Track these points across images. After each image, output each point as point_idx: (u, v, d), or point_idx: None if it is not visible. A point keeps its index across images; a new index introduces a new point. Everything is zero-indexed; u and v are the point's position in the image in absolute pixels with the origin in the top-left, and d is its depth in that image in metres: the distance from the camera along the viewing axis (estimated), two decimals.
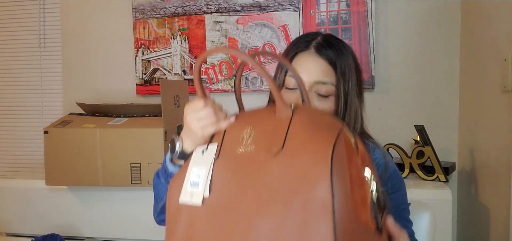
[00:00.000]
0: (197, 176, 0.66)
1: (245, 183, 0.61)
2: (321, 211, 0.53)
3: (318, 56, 0.87)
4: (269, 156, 0.60)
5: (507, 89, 1.30)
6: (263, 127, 0.65)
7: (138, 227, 1.63)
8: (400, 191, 0.92)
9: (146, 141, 1.52)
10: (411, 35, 1.83)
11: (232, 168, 0.63)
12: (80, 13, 2.15)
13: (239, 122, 0.70)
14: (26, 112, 2.24)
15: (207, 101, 0.73)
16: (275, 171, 0.59)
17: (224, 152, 0.66)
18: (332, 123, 0.62)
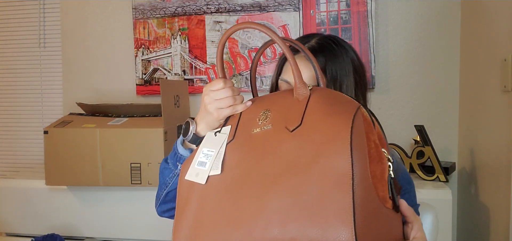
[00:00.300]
0: (205, 156, 0.67)
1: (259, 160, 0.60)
2: (340, 181, 0.52)
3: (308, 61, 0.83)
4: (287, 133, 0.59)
5: (507, 89, 1.30)
6: (281, 107, 0.65)
7: (138, 227, 1.63)
8: (409, 193, 0.90)
9: (146, 141, 1.52)
10: (411, 35, 1.83)
11: (247, 148, 0.63)
12: (80, 13, 2.15)
13: (255, 105, 0.70)
14: (26, 112, 2.24)
15: (227, 82, 0.72)
16: (292, 145, 0.58)
17: (239, 134, 0.66)
18: (349, 101, 0.62)
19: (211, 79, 1.99)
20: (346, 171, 0.52)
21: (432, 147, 1.57)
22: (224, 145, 0.66)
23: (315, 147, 0.56)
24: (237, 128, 0.67)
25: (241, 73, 1.96)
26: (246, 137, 0.65)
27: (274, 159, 0.59)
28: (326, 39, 0.87)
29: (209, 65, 1.99)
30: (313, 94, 0.64)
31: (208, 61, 1.99)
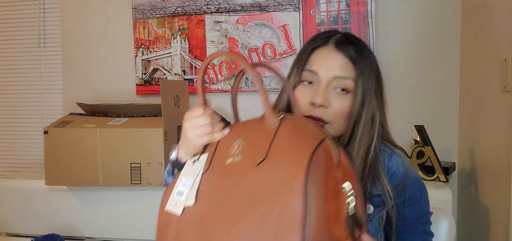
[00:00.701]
0: (184, 186, 0.67)
1: (228, 193, 0.61)
2: (293, 223, 0.53)
3: (338, 51, 0.83)
4: (253, 166, 0.60)
5: (507, 89, 1.30)
6: (252, 137, 0.65)
7: (138, 227, 1.63)
8: (419, 202, 0.88)
9: (146, 141, 1.52)
10: (411, 35, 1.83)
11: (220, 179, 0.64)
12: (80, 13, 2.15)
13: (232, 133, 0.71)
14: (26, 112, 2.24)
15: (206, 109, 0.72)
16: (257, 180, 0.59)
17: (214, 163, 0.67)
18: (314, 133, 0.61)
19: (211, 80, 1.99)
20: (299, 212, 0.53)
21: (432, 147, 1.57)
22: (200, 174, 0.67)
23: (276, 184, 0.56)
24: (213, 157, 0.68)
25: None
26: (220, 168, 0.66)
27: (241, 193, 0.59)
28: (350, 34, 0.88)
29: (209, 65, 1.99)
30: (283, 124, 0.64)
31: None
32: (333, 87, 0.82)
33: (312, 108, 0.81)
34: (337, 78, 0.82)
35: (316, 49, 0.85)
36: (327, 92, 0.81)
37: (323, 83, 0.81)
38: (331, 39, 0.85)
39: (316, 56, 0.84)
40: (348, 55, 0.82)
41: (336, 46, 0.83)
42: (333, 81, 0.82)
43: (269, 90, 1.93)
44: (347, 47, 0.83)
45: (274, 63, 1.92)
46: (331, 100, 0.81)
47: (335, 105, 0.81)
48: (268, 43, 1.93)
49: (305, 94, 0.83)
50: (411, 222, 0.87)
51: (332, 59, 0.82)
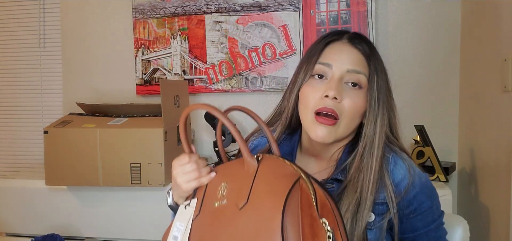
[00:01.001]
0: (178, 231, 0.71)
1: (216, 236, 0.64)
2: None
3: (352, 46, 0.83)
4: (237, 210, 0.62)
5: (507, 89, 1.30)
6: (235, 181, 0.68)
7: (138, 227, 1.63)
8: (429, 208, 0.84)
9: (146, 141, 1.52)
10: (411, 35, 1.83)
11: (209, 222, 0.67)
12: (80, 13, 2.15)
13: (218, 176, 0.73)
14: (26, 112, 2.24)
15: (192, 157, 0.75)
16: (241, 223, 0.61)
17: (204, 207, 0.70)
18: (290, 173, 0.62)
19: (211, 80, 1.99)
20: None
21: (432, 147, 1.57)
22: (191, 219, 0.70)
23: (257, 227, 0.58)
24: (202, 201, 0.71)
25: (241, 73, 1.96)
26: (209, 211, 0.68)
27: (228, 236, 0.62)
28: (361, 34, 0.88)
29: (209, 65, 1.99)
30: (261, 166, 0.66)
31: (208, 61, 1.99)
32: (346, 81, 0.81)
33: (324, 101, 0.79)
34: (351, 72, 0.80)
35: (330, 44, 0.84)
36: (341, 85, 0.80)
37: (336, 76, 0.80)
38: (345, 35, 0.85)
39: (330, 49, 0.83)
40: (362, 50, 0.82)
41: (350, 41, 0.83)
42: (346, 74, 0.80)
43: (269, 90, 1.93)
44: (361, 42, 0.83)
45: (274, 63, 1.92)
46: (343, 94, 0.79)
47: (347, 100, 0.79)
48: (268, 43, 1.93)
49: (316, 88, 0.81)
50: (422, 231, 0.84)
51: (346, 53, 0.82)
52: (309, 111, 0.81)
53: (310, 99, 0.81)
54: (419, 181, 0.83)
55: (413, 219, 0.84)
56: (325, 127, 0.79)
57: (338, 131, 0.81)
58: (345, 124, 0.80)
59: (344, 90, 0.80)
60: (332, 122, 0.79)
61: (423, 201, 0.84)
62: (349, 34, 0.85)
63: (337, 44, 0.84)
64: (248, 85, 1.95)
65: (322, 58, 0.82)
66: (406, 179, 0.82)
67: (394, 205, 0.79)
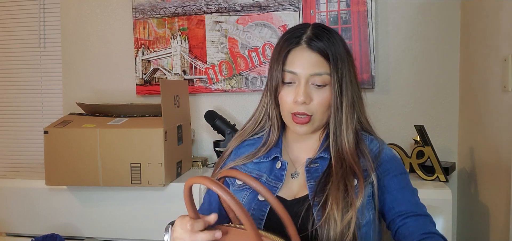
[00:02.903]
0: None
1: None
2: None
3: (310, 50, 0.92)
4: None
5: (507, 89, 1.30)
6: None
7: (138, 227, 1.63)
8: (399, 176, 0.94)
9: (146, 141, 1.52)
10: (411, 35, 1.83)
11: None
12: (80, 13, 2.15)
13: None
14: (26, 112, 2.24)
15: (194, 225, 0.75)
16: None
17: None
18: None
19: (211, 80, 1.99)
20: None
21: (432, 147, 1.57)
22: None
23: None
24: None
25: (241, 73, 1.96)
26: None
27: None
28: (319, 27, 0.95)
29: (209, 65, 1.99)
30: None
31: (208, 61, 1.99)
32: (312, 83, 0.92)
33: (296, 105, 0.92)
34: (314, 75, 0.91)
35: (291, 51, 0.93)
36: (308, 89, 0.91)
37: (302, 81, 0.91)
38: (303, 38, 0.93)
39: (292, 57, 0.93)
40: (320, 50, 0.91)
41: (308, 45, 0.92)
42: (310, 78, 0.91)
43: None
44: (318, 43, 0.91)
45: None
46: (312, 95, 0.92)
47: (316, 98, 0.92)
48: (268, 43, 1.93)
49: (288, 93, 0.93)
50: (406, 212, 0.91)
51: (307, 59, 0.92)
52: (286, 113, 0.95)
53: (285, 103, 0.94)
54: (389, 151, 0.98)
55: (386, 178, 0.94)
56: (302, 125, 0.93)
57: (315, 124, 0.94)
58: (319, 118, 0.94)
59: (311, 91, 0.92)
60: (306, 120, 0.93)
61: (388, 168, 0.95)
62: (307, 35, 0.93)
63: (297, 52, 0.93)
64: (248, 85, 1.95)
65: (287, 66, 0.93)
66: (379, 148, 0.96)
67: (373, 168, 0.91)
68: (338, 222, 0.83)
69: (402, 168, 0.97)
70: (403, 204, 0.91)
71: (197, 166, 1.87)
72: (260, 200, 0.93)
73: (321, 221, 0.84)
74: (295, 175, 0.97)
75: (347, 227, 0.83)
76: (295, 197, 0.93)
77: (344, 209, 0.84)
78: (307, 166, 0.95)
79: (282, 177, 0.95)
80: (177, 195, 1.58)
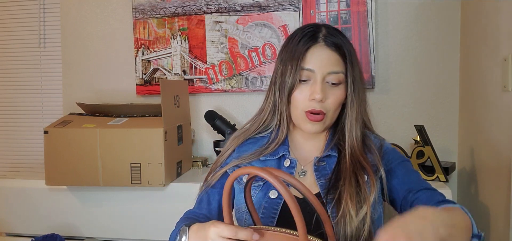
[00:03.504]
0: None
1: None
2: None
3: (328, 48, 0.94)
4: None
5: (507, 89, 1.30)
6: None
7: (138, 227, 1.63)
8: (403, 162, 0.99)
9: (146, 141, 1.52)
10: (411, 35, 1.83)
11: None
12: (80, 13, 2.15)
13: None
14: (26, 112, 2.24)
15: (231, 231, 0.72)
16: None
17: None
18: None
19: (211, 80, 1.99)
20: None
21: (432, 147, 1.57)
22: None
23: None
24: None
25: (241, 73, 1.96)
26: None
27: None
28: (331, 27, 0.98)
29: (209, 65, 1.99)
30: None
31: (208, 61, 1.99)
32: (328, 80, 0.93)
33: (312, 103, 0.93)
34: (331, 74, 0.93)
35: (310, 48, 0.94)
36: (324, 86, 0.93)
37: (319, 79, 0.92)
38: (319, 35, 0.95)
39: (310, 54, 0.94)
40: (337, 50, 0.94)
41: (326, 44, 0.94)
42: (327, 76, 0.93)
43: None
44: (335, 41, 0.94)
45: (274, 63, 1.91)
46: (327, 94, 0.93)
47: (331, 96, 0.93)
48: (268, 43, 1.93)
49: (303, 91, 0.94)
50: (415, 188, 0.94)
51: (325, 57, 0.93)
52: (300, 111, 0.95)
53: (299, 101, 0.95)
54: (389, 144, 1.03)
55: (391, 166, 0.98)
56: (315, 123, 0.94)
57: (326, 122, 0.96)
58: (331, 116, 0.96)
59: (327, 90, 0.93)
60: (320, 118, 0.94)
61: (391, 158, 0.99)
62: (323, 34, 0.95)
63: (316, 49, 0.94)
64: (248, 85, 1.95)
65: (304, 64, 0.93)
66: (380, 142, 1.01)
67: (380, 162, 0.95)
68: (353, 218, 0.84)
69: (403, 157, 1.02)
70: (412, 183, 0.95)
71: (197, 166, 1.87)
72: (272, 198, 0.93)
73: (337, 218, 0.85)
74: (302, 173, 0.98)
75: (362, 222, 0.85)
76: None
77: (358, 205, 0.86)
78: (315, 164, 0.96)
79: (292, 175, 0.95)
80: (177, 195, 1.58)
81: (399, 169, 0.97)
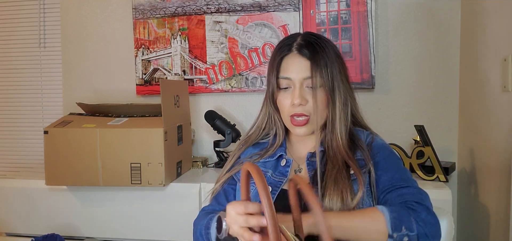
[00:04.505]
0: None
1: None
2: None
3: (301, 55, 0.99)
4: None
5: (507, 89, 1.30)
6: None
7: (138, 227, 1.63)
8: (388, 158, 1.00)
9: (146, 141, 1.52)
10: (411, 35, 1.83)
11: None
12: (80, 13, 2.15)
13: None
14: (26, 112, 2.24)
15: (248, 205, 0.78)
16: None
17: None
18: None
19: (211, 80, 1.99)
20: None
21: (432, 147, 1.57)
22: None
23: None
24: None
25: (241, 73, 1.96)
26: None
27: None
28: (308, 35, 1.03)
29: (209, 65, 1.99)
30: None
31: (208, 61, 1.99)
32: (306, 85, 0.99)
33: (294, 107, 0.99)
34: (306, 79, 0.98)
35: (284, 58, 1.01)
36: (302, 92, 0.98)
37: (297, 85, 0.98)
38: (293, 45, 1.00)
39: (285, 63, 1.01)
40: (309, 56, 0.98)
41: (298, 52, 0.99)
42: (304, 81, 0.98)
43: None
44: (307, 49, 0.98)
45: None
46: (307, 97, 0.98)
47: (310, 100, 0.98)
48: (268, 43, 1.93)
49: (285, 98, 1.01)
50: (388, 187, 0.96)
51: (298, 64, 0.99)
52: (286, 116, 1.02)
53: (284, 107, 1.01)
54: (381, 140, 1.05)
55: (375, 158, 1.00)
56: (301, 127, 1.00)
57: (313, 124, 1.00)
58: (316, 117, 0.99)
59: (306, 93, 0.99)
60: (305, 121, 0.99)
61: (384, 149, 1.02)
62: (297, 43, 1.00)
63: (289, 58, 1.00)
64: (248, 85, 1.95)
65: (281, 73, 1.01)
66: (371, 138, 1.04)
67: (368, 157, 0.98)
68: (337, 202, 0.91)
69: (390, 151, 1.03)
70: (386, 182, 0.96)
71: (197, 166, 1.87)
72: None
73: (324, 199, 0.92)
74: (298, 171, 1.04)
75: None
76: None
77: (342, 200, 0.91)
78: (307, 159, 1.03)
79: (286, 173, 1.02)
80: (177, 195, 1.58)
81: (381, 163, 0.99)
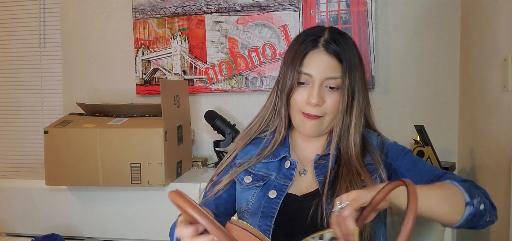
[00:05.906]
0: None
1: None
2: None
3: (327, 53, 0.94)
4: None
5: (507, 89, 1.29)
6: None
7: (138, 227, 1.63)
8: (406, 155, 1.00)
9: (146, 141, 1.52)
10: (411, 35, 1.83)
11: None
12: (80, 13, 2.15)
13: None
14: (26, 112, 2.24)
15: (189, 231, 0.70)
16: None
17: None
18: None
19: (211, 80, 1.99)
20: None
21: (432, 147, 1.57)
22: None
23: None
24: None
25: (241, 73, 1.96)
26: None
27: None
28: (335, 32, 0.98)
29: (209, 65, 1.99)
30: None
31: (208, 61, 1.99)
32: (325, 85, 0.95)
33: (308, 106, 0.95)
34: (329, 79, 0.94)
35: (308, 53, 0.95)
36: (321, 91, 0.94)
37: (317, 83, 0.94)
38: (320, 41, 0.95)
39: (309, 59, 0.95)
40: (336, 54, 0.94)
41: (325, 48, 0.95)
42: (325, 81, 0.94)
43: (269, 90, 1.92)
44: (335, 47, 0.94)
45: (274, 63, 1.92)
46: (325, 98, 0.95)
47: (328, 100, 0.95)
48: (268, 43, 1.93)
49: (300, 93, 0.96)
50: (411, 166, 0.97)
51: (323, 62, 0.94)
52: (296, 112, 0.98)
53: (296, 103, 0.97)
54: (389, 140, 1.04)
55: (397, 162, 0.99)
56: (312, 121, 0.95)
57: (323, 125, 0.97)
58: (328, 119, 0.97)
59: (324, 94, 0.95)
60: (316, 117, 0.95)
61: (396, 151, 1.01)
62: (324, 39, 0.95)
63: (315, 54, 0.95)
64: (248, 85, 1.95)
65: (303, 67, 0.95)
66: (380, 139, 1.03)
67: (380, 162, 0.96)
68: None
69: (406, 148, 1.03)
70: (424, 176, 0.96)
71: (197, 166, 1.87)
72: (271, 197, 0.94)
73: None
74: (303, 173, 0.99)
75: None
76: (304, 193, 0.95)
77: None
78: (315, 162, 0.98)
79: (291, 176, 0.97)
80: None
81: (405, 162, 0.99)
